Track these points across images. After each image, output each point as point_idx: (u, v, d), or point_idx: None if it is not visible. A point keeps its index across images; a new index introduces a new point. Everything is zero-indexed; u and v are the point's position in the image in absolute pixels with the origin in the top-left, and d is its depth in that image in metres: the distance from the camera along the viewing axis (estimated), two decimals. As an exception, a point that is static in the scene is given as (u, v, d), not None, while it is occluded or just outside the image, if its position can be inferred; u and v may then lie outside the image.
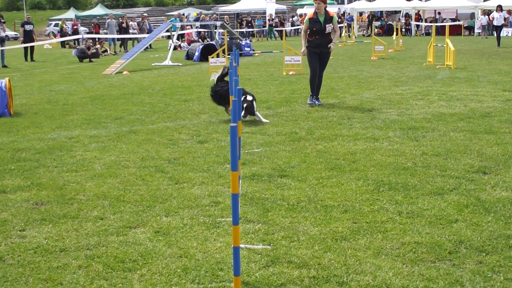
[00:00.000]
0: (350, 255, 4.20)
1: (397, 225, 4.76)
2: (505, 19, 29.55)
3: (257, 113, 9.34)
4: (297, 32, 49.95)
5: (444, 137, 7.94)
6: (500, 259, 4.05)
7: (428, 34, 42.33)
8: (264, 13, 49.00)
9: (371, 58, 22.23)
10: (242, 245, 4.37)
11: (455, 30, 39.02)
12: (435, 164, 6.56)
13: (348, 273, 3.89)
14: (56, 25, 49.65)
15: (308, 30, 10.74)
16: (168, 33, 28.20)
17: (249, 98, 9.13)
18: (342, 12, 48.35)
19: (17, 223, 4.99)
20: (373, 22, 44.72)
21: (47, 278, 3.92)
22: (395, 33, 28.92)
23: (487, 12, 38.69)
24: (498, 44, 26.66)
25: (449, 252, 4.19)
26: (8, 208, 5.41)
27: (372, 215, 5.01)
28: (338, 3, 47.89)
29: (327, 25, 10.57)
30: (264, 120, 9.32)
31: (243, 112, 8.35)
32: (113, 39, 32.56)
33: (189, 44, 31.20)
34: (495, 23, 27.07)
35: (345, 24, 39.93)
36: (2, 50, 22.92)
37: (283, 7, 54.23)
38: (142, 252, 4.32)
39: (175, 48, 26.72)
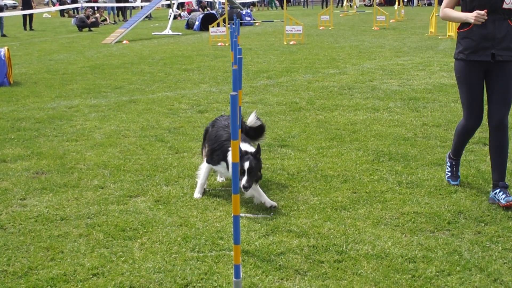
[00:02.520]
0: (350, 224, 4.22)
1: (396, 195, 4.77)
2: None
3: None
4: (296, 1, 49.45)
5: (444, 107, 7.91)
6: (499, 230, 4.07)
7: (430, 4, 41.86)
8: (265, -18, 48.50)
9: (373, 28, 22.05)
10: (242, 214, 4.39)
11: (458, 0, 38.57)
12: (435, 135, 6.55)
13: (348, 242, 3.91)
14: (55, -7, 49.06)
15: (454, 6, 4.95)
16: (168, 2, 27.93)
17: (250, 149, 4.69)
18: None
19: (17, 192, 5.00)
20: (375, -8, 44.18)
21: (48, 246, 3.95)
22: (397, 3, 28.63)
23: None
24: None
25: (448, 222, 4.21)
26: (9, 177, 5.42)
27: (372, 185, 5.02)
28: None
29: None
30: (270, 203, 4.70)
31: (244, 179, 4.41)
32: (112, 8, 32.27)
33: (189, 14, 30.92)
34: None
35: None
36: (1, 19, 22.71)
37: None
38: (143, 220, 4.34)
39: (175, 18, 26.49)
